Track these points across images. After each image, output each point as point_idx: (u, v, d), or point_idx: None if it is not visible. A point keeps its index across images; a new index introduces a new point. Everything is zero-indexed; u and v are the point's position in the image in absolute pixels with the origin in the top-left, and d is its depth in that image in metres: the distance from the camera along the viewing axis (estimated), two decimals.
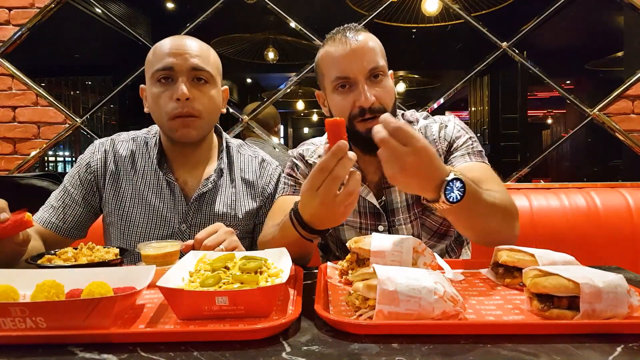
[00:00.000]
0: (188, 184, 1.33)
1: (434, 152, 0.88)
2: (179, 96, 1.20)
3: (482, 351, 0.61)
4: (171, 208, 1.30)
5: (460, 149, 1.27)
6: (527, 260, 0.86)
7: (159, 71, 1.22)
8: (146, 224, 1.30)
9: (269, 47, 3.28)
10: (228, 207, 1.33)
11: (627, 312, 0.68)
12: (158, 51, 1.24)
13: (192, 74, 1.23)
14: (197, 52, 1.24)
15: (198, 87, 1.24)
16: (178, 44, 1.24)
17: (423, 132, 1.32)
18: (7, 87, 2.54)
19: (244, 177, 1.39)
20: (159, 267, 0.86)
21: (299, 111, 4.69)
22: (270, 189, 1.40)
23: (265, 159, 1.45)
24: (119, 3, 2.75)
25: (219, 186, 1.34)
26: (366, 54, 1.19)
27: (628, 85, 2.43)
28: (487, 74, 3.74)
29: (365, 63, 1.19)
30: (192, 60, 1.22)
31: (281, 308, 0.78)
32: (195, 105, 1.22)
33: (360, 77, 1.19)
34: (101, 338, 0.65)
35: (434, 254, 0.93)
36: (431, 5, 2.79)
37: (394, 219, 1.30)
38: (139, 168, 1.33)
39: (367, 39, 1.22)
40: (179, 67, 1.21)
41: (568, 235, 1.81)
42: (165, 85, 1.23)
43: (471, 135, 1.30)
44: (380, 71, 1.21)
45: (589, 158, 3.32)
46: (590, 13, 2.85)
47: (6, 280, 0.76)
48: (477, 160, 1.24)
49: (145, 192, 1.31)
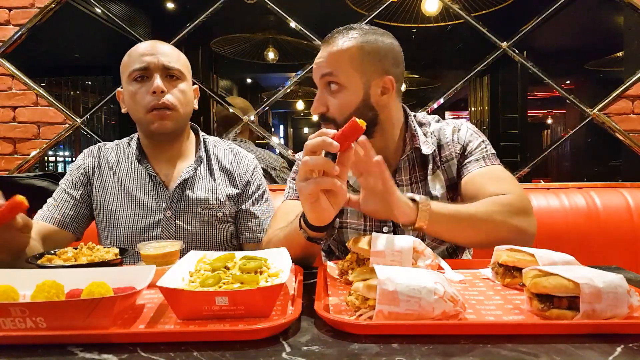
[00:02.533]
0: (168, 177, 1.42)
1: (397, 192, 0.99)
2: (155, 89, 1.31)
3: (482, 351, 0.61)
4: (155, 198, 1.39)
5: (474, 153, 1.27)
6: (527, 260, 0.86)
7: (135, 71, 1.33)
8: (132, 217, 1.38)
9: (269, 47, 3.28)
10: (210, 191, 1.41)
11: (627, 312, 0.68)
12: (133, 54, 1.36)
13: (165, 71, 1.34)
14: (167, 52, 1.37)
15: (171, 82, 1.36)
16: (151, 46, 1.36)
17: (436, 135, 1.32)
18: (7, 87, 2.53)
19: (221, 167, 1.47)
20: (159, 267, 0.86)
21: (299, 111, 4.69)
22: (247, 177, 1.47)
23: (240, 151, 1.53)
24: (119, 3, 2.75)
25: (199, 174, 1.43)
26: (328, 58, 1.18)
27: (628, 85, 2.43)
28: (487, 74, 3.74)
29: (322, 69, 1.19)
30: (164, 59, 1.34)
31: (281, 308, 0.78)
32: (170, 98, 1.33)
33: (319, 83, 1.22)
34: (101, 338, 0.65)
35: (434, 254, 0.93)
36: (431, 5, 2.79)
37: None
38: (123, 167, 1.43)
39: (333, 48, 1.18)
40: (153, 66, 1.33)
41: (568, 235, 1.81)
42: (142, 83, 1.34)
43: (484, 139, 1.31)
44: (332, 80, 1.18)
45: (589, 158, 3.33)
46: (590, 13, 2.85)
47: (6, 280, 0.76)
48: (492, 164, 1.26)
49: (129, 187, 1.40)
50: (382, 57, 1.20)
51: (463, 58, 2.89)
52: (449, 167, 1.30)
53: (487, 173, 1.23)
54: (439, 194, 1.28)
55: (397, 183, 1.28)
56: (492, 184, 1.18)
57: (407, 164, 1.30)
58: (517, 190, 1.16)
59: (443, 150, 1.31)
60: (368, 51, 1.19)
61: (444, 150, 1.30)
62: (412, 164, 1.30)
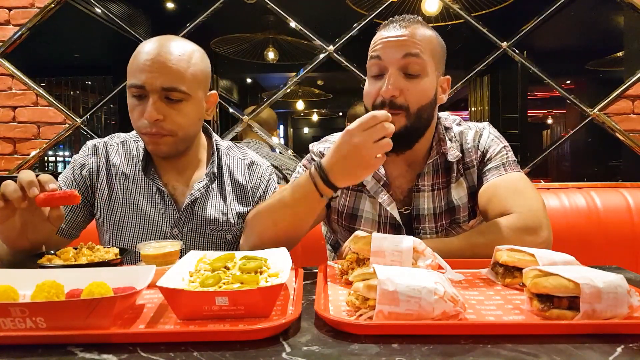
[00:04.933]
0: (177, 190, 1.31)
1: None
2: (147, 118, 1.16)
3: (482, 351, 0.61)
4: (162, 213, 1.28)
5: (494, 160, 1.24)
6: (527, 260, 0.86)
7: (132, 87, 1.18)
8: (137, 229, 1.28)
9: (269, 47, 3.28)
10: (220, 212, 1.31)
11: (627, 313, 0.67)
12: (135, 61, 1.19)
13: (164, 93, 1.17)
14: (172, 66, 1.16)
15: (171, 105, 1.18)
16: (154, 55, 1.16)
17: (458, 139, 1.28)
18: (7, 87, 2.54)
19: (233, 180, 1.37)
20: (159, 267, 0.86)
21: (299, 111, 4.69)
22: (260, 192, 1.37)
23: (255, 160, 1.41)
24: (119, 3, 2.75)
25: (210, 191, 1.32)
26: (405, 44, 1.12)
27: (628, 85, 2.44)
28: (487, 74, 3.75)
29: (399, 53, 1.12)
30: (163, 80, 1.16)
31: (281, 308, 0.78)
32: (166, 125, 1.18)
33: (390, 66, 1.12)
34: (101, 338, 0.65)
35: (434, 254, 0.93)
36: (431, 5, 2.79)
37: (418, 226, 1.25)
38: (130, 174, 1.31)
39: (416, 30, 1.14)
40: (149, 87, 1.16)
41: (568, 235, 1.81)
42: (139, 100, 1.19)
43: (505, 145, 1.28)
44: (416, 65, 1.12)
45: (589, 158, 3.33)
46: (590, 13, 2.85)
47: (6, 280, 0.76)
48: (512, 171, 1.21)
49: (136, 198, 1.29)
50: (445, 56, 1.22)
51: (463, 58, 2.89)
52: (470, 175, 1.26)
53: (502, 184, 1.18)
54: (461, 203, 1.25)
55: (418, 188, 1.25)
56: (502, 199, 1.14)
57: (432, 169, 1.26)
58: (529, 205, 1.10)
59: (464, 156, 1.27)
60: (442, 46, 1.20)
61: (465, 157, 1.27)
62: (436, 170, 1.26)
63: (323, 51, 2.55)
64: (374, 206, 1.28)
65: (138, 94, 1.18)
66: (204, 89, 1.27)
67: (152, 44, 1.20)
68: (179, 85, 1.17)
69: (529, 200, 1.12)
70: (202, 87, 1.25)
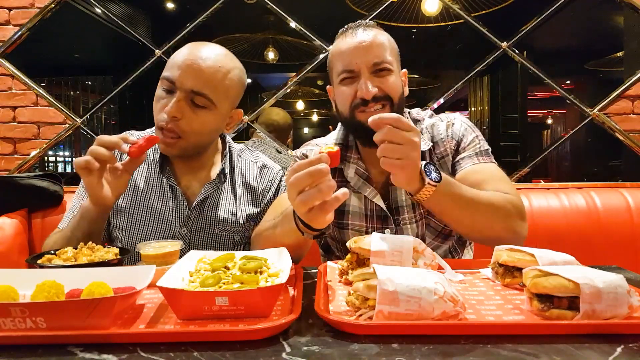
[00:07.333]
0: (190, 188, 1.33)
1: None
2: (167, 113, 1.18)
3: (482, 351, 0.61)
4: (173, 211, 1.30)
5: (467, 149, 1.28)
6: (527, 260, 0.86)
7: (164, 79, 1.22)
8: (148, 225, 1.30)
9: (269, 47, 3.28)
10: (229, 213, 1.32)
11: (627, 313, 0.68)
12: (177, 56, 1.22)
13: (191, 95, 1.19)
14: (207, 74, 1.19)
15: (194, 108, 1.20)
16: (196, 58, 1.20)
17: (430, 131, 1.33)
18: (7, 87, 2.53)
19: (245, 182, 1.38)
20: (159, 267, 0.86)
21: (299, 111, 4.69)
22: (270, 195, 1.38)
23: (267, 164, 1.43)
24: (119, 3, 2.75)
25: (220, 191, 1.33)
26: (372, 48, 1.22)
27: (628, 85, 2.43)
28: (487, 74, 3.75)
29: (370, 57, 1.21)
30: (194, 82, 1.18)
31: (281, 308, 0.78)
32: (182, 125, 1.19)
33: (364, 70, 1.21)
34: (101, 338, 0.65)
35: (434, 254, 0.93)
36: (431, 6, 2.79)
37: (398, 217, 1.30)
38: (144, 171, 1.34)
39: (376, 35, 1.24)
40: (179, 84, 1.19)
41: (568, 235, 1.81)
42: (166, 94, 1.22)
43: (477, 134, 1.32)
44: (385, 66, 1.22)
45: (589, 158, 3.33)
46: (590, 13, 2.85)
47: (6, 280, 0.76)
48: (485, 161, 1.26)
49: (149, 194, 1.31)
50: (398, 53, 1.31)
51: (463, 58, 2.89)
52: (444, 164, 1.31)
53: (482, 170, 1.24)
54: None
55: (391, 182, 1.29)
56: (492, 181, 1.19)
57: None
58: (516, 192, 1.17)
59: (437, 147, 1.32)
60: (396, 45, 1.30)
61: (438, 147, 1.31)
62: None
63: (323, 51, 2.56)
64: (360, 200, 1.33)
65: (168, 87, 1.21)
66: (231, 104, 1.29)
67: (199, 47, 1.24)
68: (208, 93, 1.20)
69: (513, 189, 1.20)
70: (230, 101, 1.28)
